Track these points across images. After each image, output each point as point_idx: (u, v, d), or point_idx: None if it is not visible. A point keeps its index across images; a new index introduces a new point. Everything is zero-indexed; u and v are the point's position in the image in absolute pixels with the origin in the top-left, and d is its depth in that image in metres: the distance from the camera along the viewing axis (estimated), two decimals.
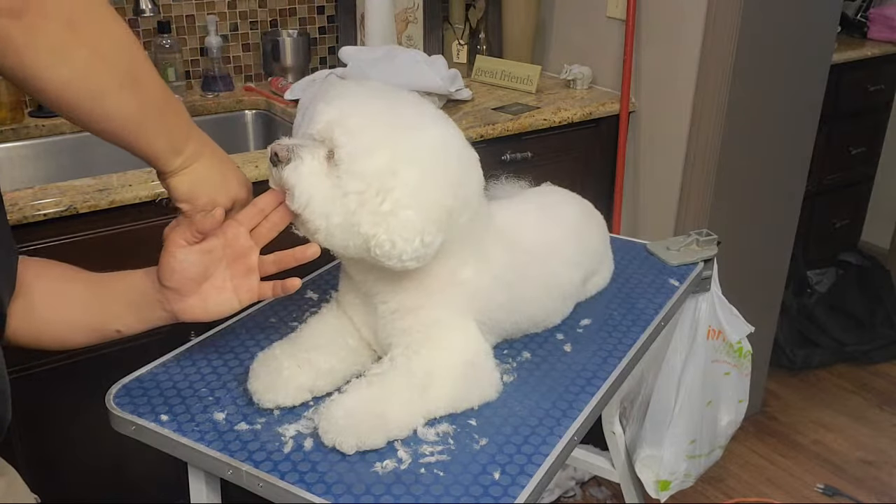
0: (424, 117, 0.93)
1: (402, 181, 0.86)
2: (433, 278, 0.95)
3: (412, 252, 0.87)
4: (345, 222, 0.88)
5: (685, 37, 1.90)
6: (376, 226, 0.86)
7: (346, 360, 1.00)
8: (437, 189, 0.88)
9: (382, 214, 0.86)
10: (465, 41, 2.24)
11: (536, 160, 1.92)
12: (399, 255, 0.87)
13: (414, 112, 0.92)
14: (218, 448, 0.89)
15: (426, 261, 0.89)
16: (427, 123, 0.92)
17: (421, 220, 0.87)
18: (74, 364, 1.42)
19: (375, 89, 0.94)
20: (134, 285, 0.92)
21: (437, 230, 0.88)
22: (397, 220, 0.86)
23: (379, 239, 0.87)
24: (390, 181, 0.86)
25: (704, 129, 1.92)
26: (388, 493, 0.83)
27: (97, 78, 0.74)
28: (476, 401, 0.96)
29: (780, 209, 2.17)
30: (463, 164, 0.93)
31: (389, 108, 0.90)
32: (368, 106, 0.90)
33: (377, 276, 0.95)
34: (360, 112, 0.89)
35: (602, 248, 1.24)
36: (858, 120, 2.85)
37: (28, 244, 1.34)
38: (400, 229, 0.86)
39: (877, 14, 2.79)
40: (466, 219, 0.92)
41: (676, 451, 1.49)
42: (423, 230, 0.87)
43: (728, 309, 1.44)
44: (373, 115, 0.89)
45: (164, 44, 1.90)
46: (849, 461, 2.27)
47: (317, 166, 0.88)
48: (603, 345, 1.11)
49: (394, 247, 0.86)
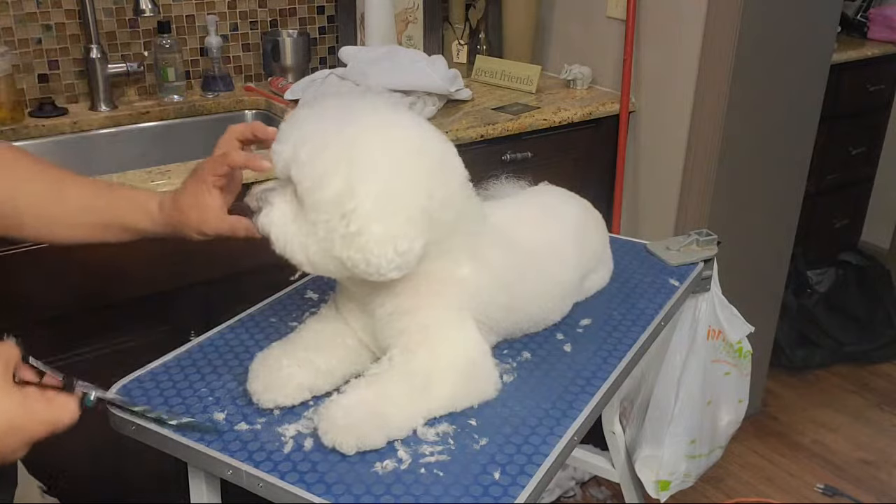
0: (385, 123, 0.91)
1: (362, 198, 0.86)
2: (427, 279, 0.94)
3: (387, 264, 0.87)
4: (320, 249, 0.89)
5: (685, 37, 1.90)
6: (347, 248, 0.87)
7: (346, 359, 1.00)
8: (404, 194, 0.88)
9: (350, 236, 0.86)
10: (465, 41, 2.24)
11: (536, 160, 1.92)
12: (377, 270, 0.87)
13: (370, 122, 0.91)
14: (218, 448, 0.89)
15: (410, 266, 0.89)
16: (388, 128, 0.91)
17: (390, 231, 0.86)
18: (75, 364, 1.42)
19: (326, 109, 0.92)
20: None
21: (413, 234, 0.87)
22: (366, 237, 0.86)
23: (353, 259, 0.87)
24: (350, 202, 0.86)
25: (704, 129, 1.92)
26: (388, 493, 0.83)
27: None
28: (476, 400, 0.96)
29: (780, 209, 2.17)
30: (434, 161, 0.92)
31: (340, 126, 0.89)
32: (318, 132, 0.89)
33: (371, 285, 0.95)
34: (310, 141, 0.88)
35: (601, 247, 1.24)
36: (858, 120, 2.85)
37: (28, 244, 1.34)
38: (369, 245, 0.86)
39: (877, 14, 2.79)
40: (452, 216, 0.92)
41: (676, 451, 1.49)
42: (394, 240, 0.86)
43: (728, 309, 1.44)
44: (323, 140, 0.88)
45: (164, 44, 1.90)
46: (849, 461, 2.27)
47: (286, 208, 0.91)
48: (603, 345, 1.11)
49: (368, 264, 0.87)
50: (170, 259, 1.41)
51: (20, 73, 1.81)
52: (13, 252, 1.32)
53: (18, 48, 1.80)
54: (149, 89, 1.98)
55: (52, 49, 1.84)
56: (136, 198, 1.01)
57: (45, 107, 1.80)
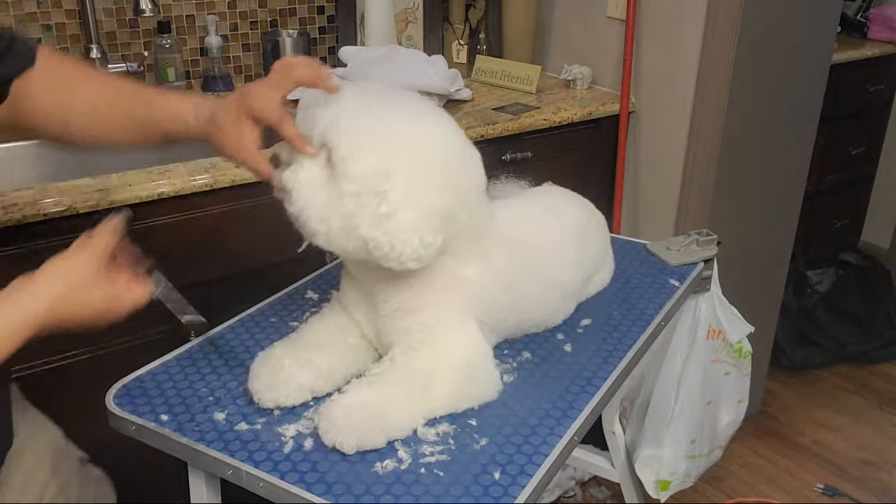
0: (421, 117, 0.93)
1: (398, 183, 0.86)
2: (434, 278, 0.95)
3: (411, 253, 0.87)
4: (344, 225, 0.88)
5: (685, 37, 1.90)
6: (374, 228, 0.87)
7: (347, 359, 1.00)
8: (433, 189, 0.88)
9: (380, 217, 0.86)
10: (465, 41, 2.24)
11: (536, 160, 1.93)
12: (398, 257, 0.87)
13: (411, 113, 0.93)
14: (218, 448, 0.89)
15: (427, 261, 0.89)
16: (424, 123, 0.92)
17: (419, 221, 0.87)
18: (74, 364, 1.42)
19: (372, 92, 0.94)
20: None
21: (436, 230, 0.88)
22: (395, 221, 0.86)
23: (378, 241, 0.87)
24: (386, 183, 0.86)
25: (704, 129, 1.92)
26: (388, 493, 0.83)
27: None
28: (476, 401, 0.96)
29: (780, 209, 2.17)
30: (461, 163, 0.93)
31: (386, 109, 0.90)
32: (364, 109, 0.90)
33: (379, 275, 0.95)
34: (355, 115, 0.89)
35: (603, 248, 1.24)
36: (858, 120, 2.85)
37: (28, 244, 1.34)
38: (398, 231, 0.86)
39: (877, 14, 2.79)
40: (466, 217, 0.92)
41: (676, 451, 1.49)
42: (421, 231, 0.87)
43: (728, 309, 1.44)
44: (368, 117, 0.89)
45: (164, 44, 1.90)
46: (849, 461, 2.27)
47: (316, 172, 0.89)
48: (603, 345, 1.11)
49: (392, 249, 0.87)
50: (170, 259, 1.40)
51: None
52: (13, 252, 1.32)
53: None
54: None
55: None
56: (172, 107, 1.00)
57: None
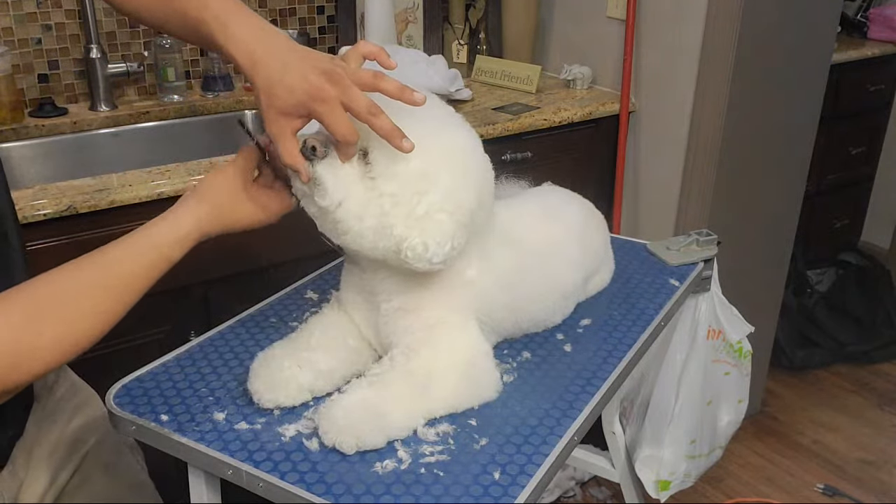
0: (450, 120, 0.94)
1: (437, 184, 0.87)
2: (439, 278, 0.95)
3: (443, 255, 0.88)
4: (378, 224, 0.88)
5: (685, 37, 1.90)
6: (410, 228, 0.87)
7: (347, 360, 1.00)
8: (466, 192, 0.90)
9: (417, 217, 0.87)
10: (465, 41, 2.24)
11: (536, 160, 1.92)
12: (430, 258, 0.88)
13: (441, 115, 0.94)
14: (218, 448, 0.89)
15: (451, 263, 0.91)
16: (453, 126, 0.94)
17: (453, 223, 0.88)
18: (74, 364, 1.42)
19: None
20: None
21: (465, 232, 0.90)
22: (431, 222, 0.87)
23: (412, 242, 0.87)
24: (424, 184, 0.87)
25: (704, 129, 1.92)
26: (388, 493, 0.83)
27: None
28: (476, 401, 0.96)
29: (780, 209, 2.17)
30: (484, 167, 0.95)
31: (419, 110, 0.90)
32: (401, 108, 0.89)
33: (386, 274, 0.95)
34: (393, 114, 0.88)
35: (603, 248, 1.24)
36: (858, 120, 2.85)
37: (28, 244, 1.34)
38: (433, 232, 0.87)
39: (877, 14, 2.79)
40: (483, 220, 0.94)
41: (676, 451, 1.49)
42: (454, 233, 0.88)
43: (728, 309, 1.44)
44: (407, 119, 0.88)
45: (164, 44, 1.90)
46: (849, 461, 2.27)
47: (350, 168, 0.88)
48: (603, 345, 1.11)
49: (426, 249, 0.87)
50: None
51: (20, 73, 1.81)
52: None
53: (18, 48, 1.80)
54: (149, 89, 1.98)
55: (52, 49, 1.84)
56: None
57: (44, 107, 1.80)
